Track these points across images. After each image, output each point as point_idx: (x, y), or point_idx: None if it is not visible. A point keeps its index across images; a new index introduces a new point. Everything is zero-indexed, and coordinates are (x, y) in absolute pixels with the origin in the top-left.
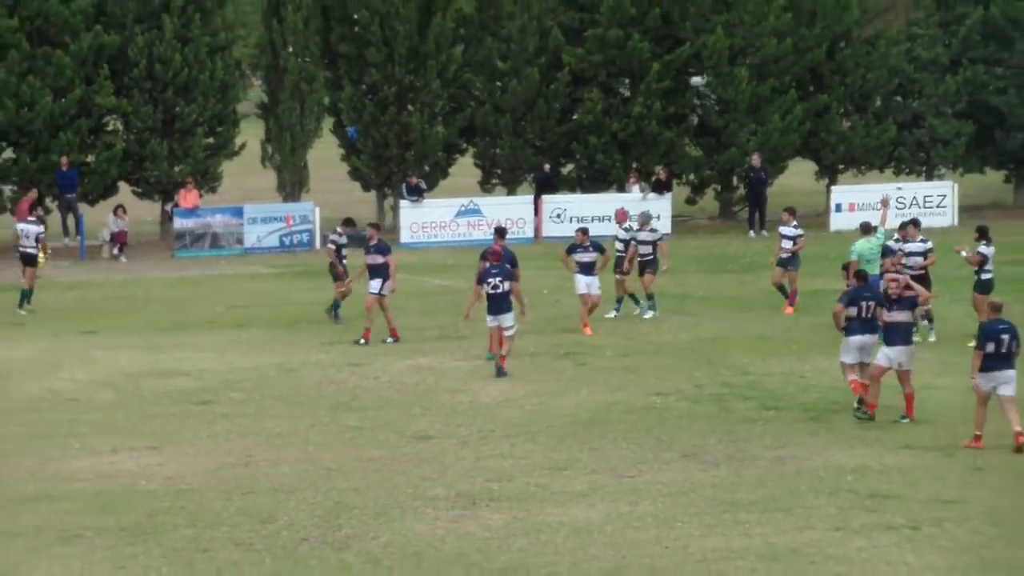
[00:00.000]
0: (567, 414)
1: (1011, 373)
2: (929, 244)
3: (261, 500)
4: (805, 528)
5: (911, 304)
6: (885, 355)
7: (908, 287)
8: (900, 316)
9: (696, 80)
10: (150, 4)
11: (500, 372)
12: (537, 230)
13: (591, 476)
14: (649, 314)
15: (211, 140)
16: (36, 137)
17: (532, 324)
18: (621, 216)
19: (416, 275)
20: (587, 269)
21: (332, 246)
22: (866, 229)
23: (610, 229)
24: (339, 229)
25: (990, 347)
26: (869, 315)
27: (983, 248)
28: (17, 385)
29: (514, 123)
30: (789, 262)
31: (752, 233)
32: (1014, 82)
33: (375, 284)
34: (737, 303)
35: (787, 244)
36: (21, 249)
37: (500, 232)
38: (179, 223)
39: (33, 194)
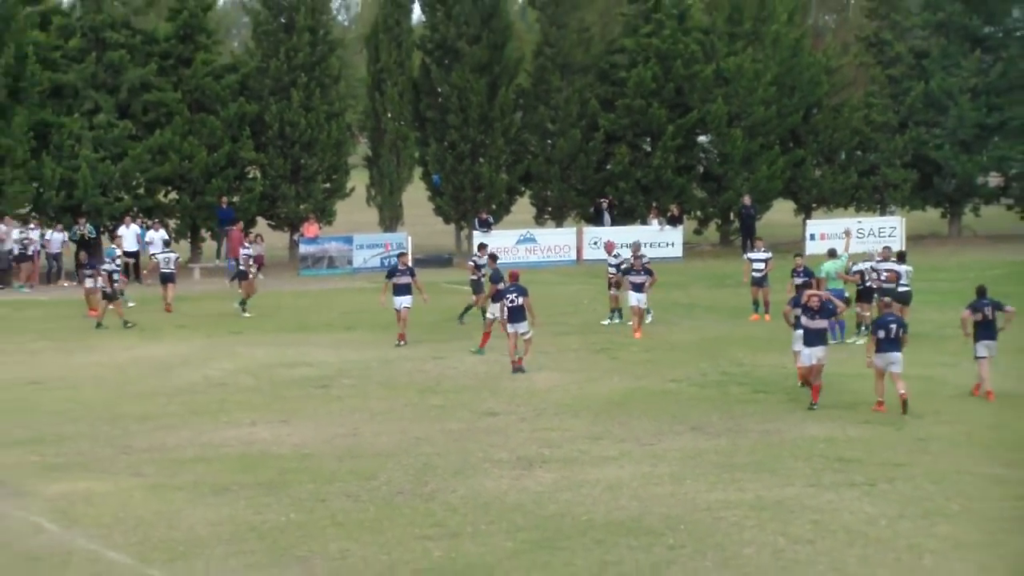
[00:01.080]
0: (602, 396)
1: (898, 355)
2: (908, 269)
3: (365, 462)
4: (787, 485)
5: (828, 315)
6: (807, 354)
7: (830, 300)
8: (820, 324)
9: (701, 138)
10: (281, 80)
11: (518, 369)
12: (579, 254)
13: (620, 444)
14: (648, 319)
15: (328, 185)
16: (194, 183)
17: (575, 327)
18: (609, 247)
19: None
20: (638, 288)
21: (472, 264)
22: (832, 254)
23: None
24: (477, 252)
25: (881, 334)
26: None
27: (899, 267)
28: (179, 373)
29: (561, 171)
30: (763, 281)
31: (745, 256)
32: (948, 140)
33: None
34: (734, 311)
35: (759, 266)
36: (240, 267)
37: (492, 257)
38: (303, 249)
39: (239, 227)
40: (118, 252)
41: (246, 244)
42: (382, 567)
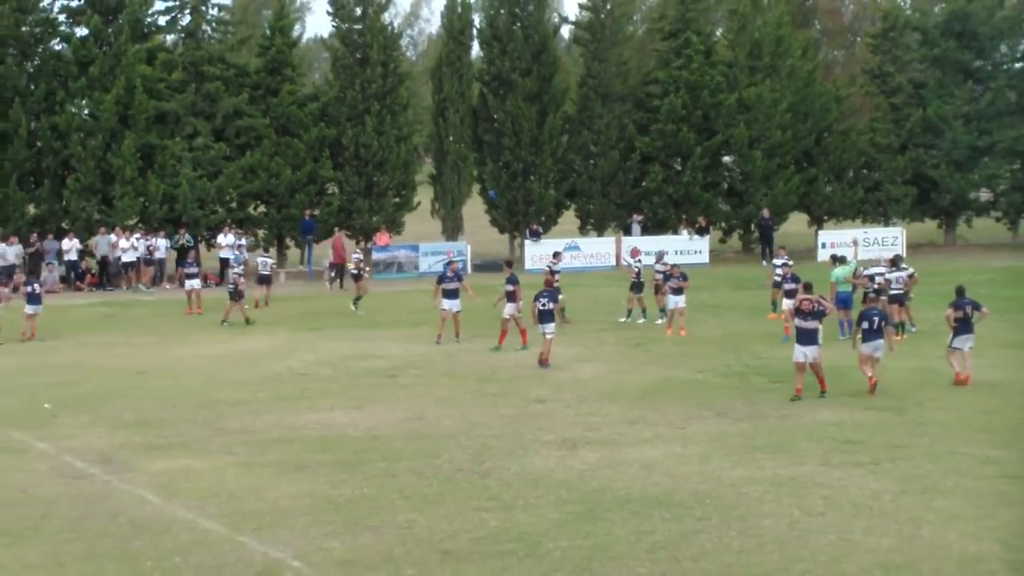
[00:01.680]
0: (637, 385)
1: (880, 342)
2: (911, 271)
3: (429, 443)
4: (800, 464)
5: (819, 317)
6: (801, 352)
7: (819, 303)
8: (811, 325)
9: (726, 159)
10: (357, 108)
11: (544, 364)
12: (617, 260)
13: (654, 427)
14: (660, 320)
15: (397, 199)
16: (280, 198)
17: (613, 324)
18: (635, 254)
19: (532, 291)
20: (677, 292)
21: (548, 268)
22: (841, 260)
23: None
24: (552, 260)
25: (865, 325)
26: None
27: (890, 274)
28: (266, 364)
29: (602, 188)
30: (783, 284)
31: (764, 262)
32: (943, 160)
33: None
34: (754, 310)
35: (779, 270)
36: (353, 271)
37: (508, 264)
38: (375, 255)
39: (340, 235)
40: (267, 259)
41: (357, 250)
42: (444, 535)
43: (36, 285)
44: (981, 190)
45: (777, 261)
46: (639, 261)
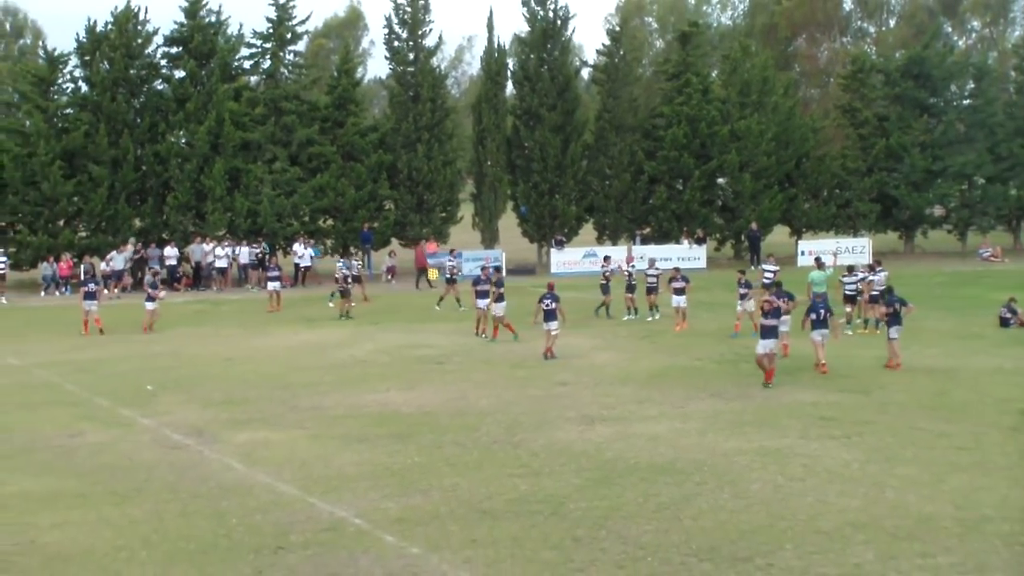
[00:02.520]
0: (645, 371)
1: (826, 331)
2: (886, 274)
3: (470, 419)
4: (783, 437)
5: (777, 315)
6: (763, 345)
7: (775, 303)
8: (771, 322)
9: (720, 180)
10: (409, 137)
11: (549, 357)
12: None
13: (659, 406)
14: (651, 318)
15: (443, 214)
16: (345, 213)
17: (623, 322)
18: (629, 260)
19: (560, 292)
20: (679, 292)
21: (609, 269)
22: (819, 264)
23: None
24: (603, 263)
25: (813, 316)
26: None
27: (872, 276)
28: (332, 353)
29: (616, 204)
30: (771, 286)
31: (752, 267)
32: (903, 182)
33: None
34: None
35: (769, 274)
36: (447, 275)
37: (497, 269)
38: (426, 261)
39: (423, 243)
40: (354, 262)
41: (451, 257)
42: (482, 497)
43: (92, 284)
44: (935, 207)
45: (766, 266)
46: (633, 266)
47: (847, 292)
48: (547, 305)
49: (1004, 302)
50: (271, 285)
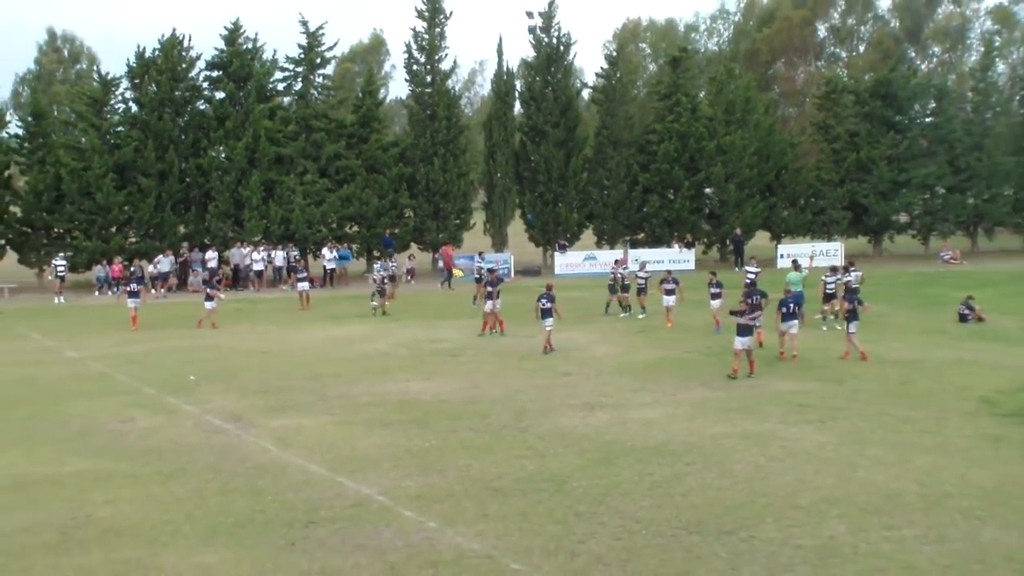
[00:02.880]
0: (640, 362)
1: (795, 322)
2: (860, 274)
3: (482, 406)
4: (765, 422)
5: (752, 315)
6: (739, 341)
7: (755, 306)
8: (746, 321)
9: (707, 190)
10: (427, 152)
11: (547, 351)
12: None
13: (652, 394)
14: (641, 316)
15: (458, 221)
16: (369, 220)
17: (620, 317)
18: (622, 263)
19: (563, 291)
20: (669, 293)
21: (627, 273)
22: (796, 266)
23: (656, 267)
24: (614, 264)
25: (784, 309)
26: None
27: (845, 276)
28: (358, 346)
29: (613, 212)
30: (751, 286)
31: (736, 268)
32: (872, 191)
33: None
34: (729, 306)
35: (751, 275)
36: (476, 276)
37: (491, 271)
38: (441, 263)
39: (449, 247)
40: (390, 264)
41: (479, 260)
42: (493, 476)
43: (133, 284)
44: (900, 214)
45: (749, 268)
46: (626, 268)
47: (828, 291)
48: (544, 304)
49: (962, 300)
50: (300, 286)
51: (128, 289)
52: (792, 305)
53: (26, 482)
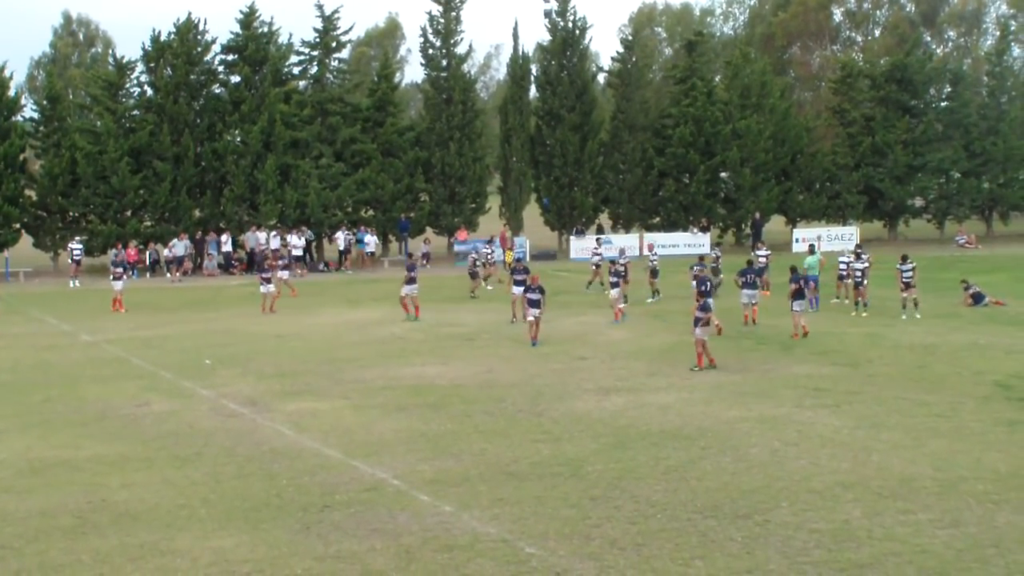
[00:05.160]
0: (656, 346)
1: (755, 292)
2: (869, 257)
3: (497, 390)
4: (780, 406)
5: (706, 309)
6: (697, 332)
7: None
8: (701, 315)
9: (723, 175)
10: (443, 136)
11: (534, 344)
12: (640, 251)
13: (668, 378)
14: (649, 301)
15: (473, 205)
16: (384, 204)
17: (637, 301)
18: (649, 248)
19: (577, 275)
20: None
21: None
22: (811, 250)
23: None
24: (618, 258)
25: (743, 279)
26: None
27: (856, 263)
28: (373, 330)
29: (628, 196)
30: (764, 270)
31: (753, 253)
32: (887, 176)
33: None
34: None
35: (762, 260)
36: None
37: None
38: (457, 248)
39: (463, 231)
40: (483, 249)
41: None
42: (508, 460)
43: (119, 268)
44: (916, 198)
45: (759, 252)
46: (601, 257)
47: (841, 273)
48: (531, 295)
49: (968, 286)
50: (278, 275)
51: (114, 272)
52: (751, 275)
53: (42, 466)
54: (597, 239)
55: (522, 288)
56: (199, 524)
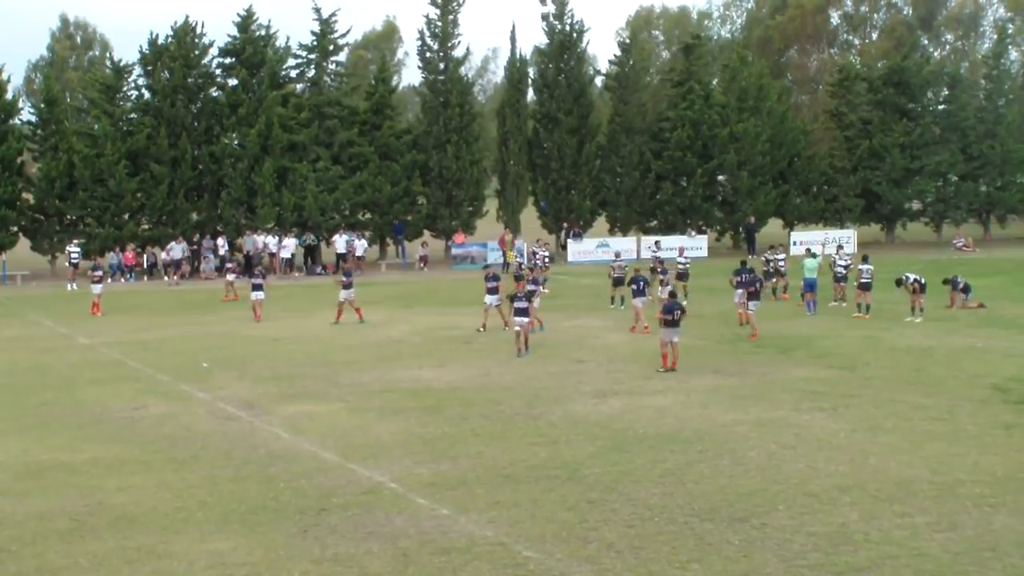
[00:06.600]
0: (652, 350)
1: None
2: (852, 257)
3: (495, 394)
4: (777, 409)
5: (670, 311)
6: (667, 334)
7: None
8: (669, 317)
9: (720, 178)
10: (440, 139)
11: (519, 355)
12: (638, 254)
13: (664, 381)
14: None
15: (471, 208)
16: (382, 207)
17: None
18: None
19: (574, 278)
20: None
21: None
22: (811, 253)
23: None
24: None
25: (635, 286)
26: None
27: (861, 265)
28: (371, 333)
29: (626, 199)
30: (781, 274)
31: (751, 256)
32: (885, 179)
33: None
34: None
35: (781, 264)
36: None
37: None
38: (454, 251)
39: (460, 234)
40: (539, 251)
41: (541, 247)
42: (505, 463)
43: (99, 271)
44: (913, 201)
45: (777, 256)
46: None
47: (837, 275)
48: (519, 302)
49: (955, 279)
50: (228, 277)
51: (94, 276)
52: (745, 275)
53: (39, 469)
54: (616, 253)
55: (495, 296)
56: (196, 527)
